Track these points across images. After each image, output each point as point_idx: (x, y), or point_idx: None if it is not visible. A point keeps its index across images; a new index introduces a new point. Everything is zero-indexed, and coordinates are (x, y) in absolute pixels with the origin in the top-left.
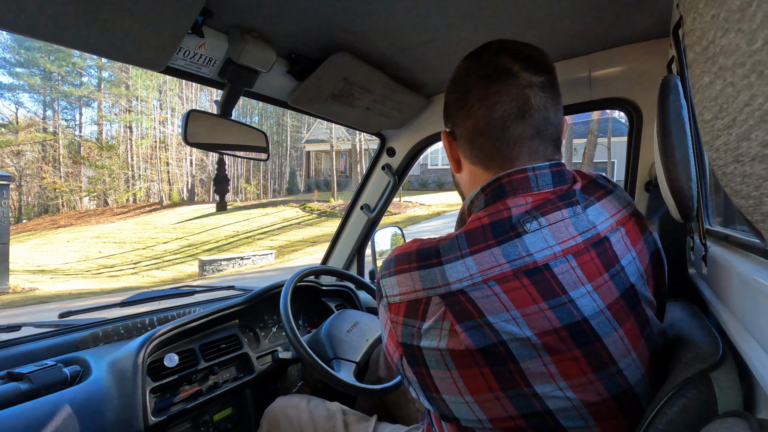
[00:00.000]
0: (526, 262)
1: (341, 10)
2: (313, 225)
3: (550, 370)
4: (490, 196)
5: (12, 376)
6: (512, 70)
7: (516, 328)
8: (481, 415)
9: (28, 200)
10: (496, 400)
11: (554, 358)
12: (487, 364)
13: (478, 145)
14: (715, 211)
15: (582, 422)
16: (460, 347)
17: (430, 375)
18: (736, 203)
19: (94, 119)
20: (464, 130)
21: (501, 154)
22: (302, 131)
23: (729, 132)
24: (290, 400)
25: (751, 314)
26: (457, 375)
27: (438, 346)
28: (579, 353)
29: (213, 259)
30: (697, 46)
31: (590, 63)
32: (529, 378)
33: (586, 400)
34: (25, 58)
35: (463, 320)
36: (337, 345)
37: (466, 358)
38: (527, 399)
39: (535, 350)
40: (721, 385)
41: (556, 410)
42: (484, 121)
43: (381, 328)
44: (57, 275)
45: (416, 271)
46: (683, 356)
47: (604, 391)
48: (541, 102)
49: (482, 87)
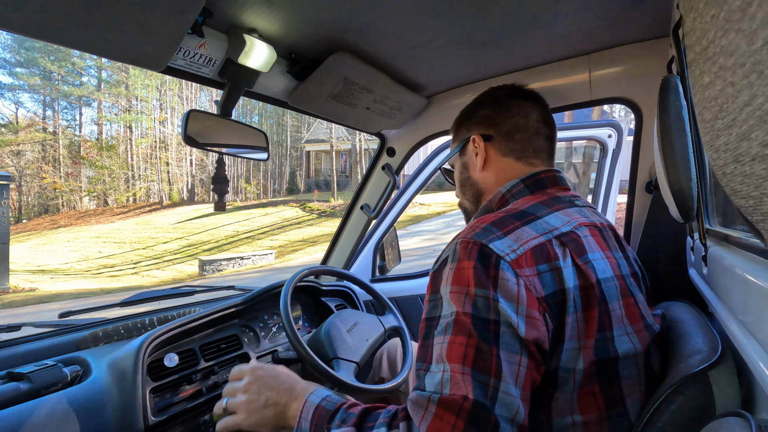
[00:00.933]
0: (591, 220)
1: (341, 10)
2: (313, 225)
3: (622, 313)
4: (533, 186)
5: (12, 376)
6: (535, 97)
7: (606, 266)
8: (580, 365)
9: (28, 200)
10: (595, 342)
11: (624, 302)
12: (597, 305)
13: (517, 138)
14: (715, 211)
15: (635, 372)
16: (588, 282)
17: (565, 322)
18: (736, 203)
19: (94, 119)
20: (504, 127)
21: (532, 146)
22: (302, 131)
23: (729, 132)
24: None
25: (751, 314)
26: (581, 317)
27: (576, 285)
28: (632, 301)
29: (213, 259)
30: (697, 46)
31: (590, 63)
32: (613, 319)
33: (641, 348)
34: (25, 58)
35: (580, 255)
36: (336, 345)
37: (591, 295)
38: (606, 343)
39: (616, 291)
40: (720, 383)
41: (622, 355)
42: (523, 120)
43: (511, 317)
44: (57, 275)
45: (525, 226)
46: (682, 355)
47: (647, 339)
48: (553, 122)
49: (518, 101)
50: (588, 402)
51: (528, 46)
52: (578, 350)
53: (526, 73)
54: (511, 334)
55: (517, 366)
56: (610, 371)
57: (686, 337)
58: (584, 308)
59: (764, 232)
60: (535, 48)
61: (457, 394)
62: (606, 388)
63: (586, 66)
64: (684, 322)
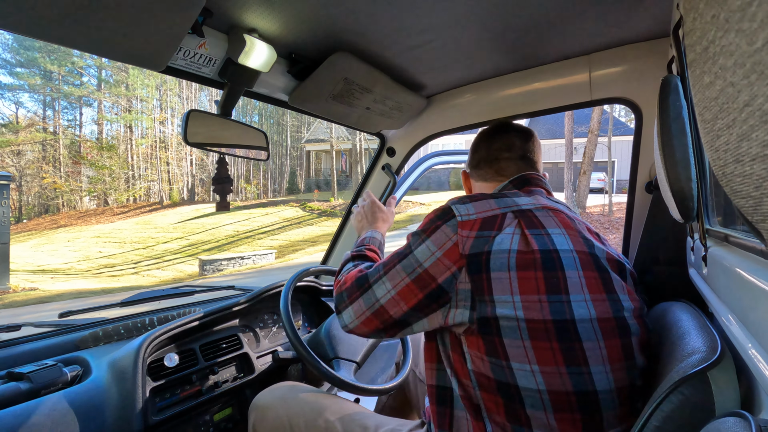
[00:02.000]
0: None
1: (341, 11)
2: (314, 224)
3: (581, 282)
4: (518, 183)
5: (12, 375)
6: (501, 129)
7: (566, 241)
8: (521, 314)
9: (28, 200)
10: (539, 302)
11: (585, 273)
12: (542, 269)
13: (482, 166)
14: (715, 211)
15: (594, 336)
16: (529, 248)
17: (489, 279)
18: (736, 203)
19: (95, 119)
20: (473, 163)
21: (493, 169)
22: (302, 131)
23: (729, 132)
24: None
25: (751, 314)
26: (515, 276)
27: (509, 248)
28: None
29: (213, 258)
30: (697, 46)
31: (590, 63)
32: (570, 285)
33: (596, 315)
34: (26, 58)
35: (530, 227)
36: (336, 345)
37: (528, 260)
38: (562, 305)
39: (574, 262)
40: (719, 383)
41: (578, 318)
42: (485, 153)
43: (426, 253)
44: (57, 275)
45: (491, 200)
46: (681, 354)
47: (608, 311)
48: (520, 143)
49: (486, 139)
50: (546, 356)
51: (528, 46)
52: (512, 303)
53: (526, 73)
54: (414, 259)
55: (400, 281)
56: (569, 331)
57: (685, 337)
58: (519, 269)
59: (764, 232)
60: (535, 48)
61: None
62: (565, 347)
63: (586, 66)
64: (683, 322)
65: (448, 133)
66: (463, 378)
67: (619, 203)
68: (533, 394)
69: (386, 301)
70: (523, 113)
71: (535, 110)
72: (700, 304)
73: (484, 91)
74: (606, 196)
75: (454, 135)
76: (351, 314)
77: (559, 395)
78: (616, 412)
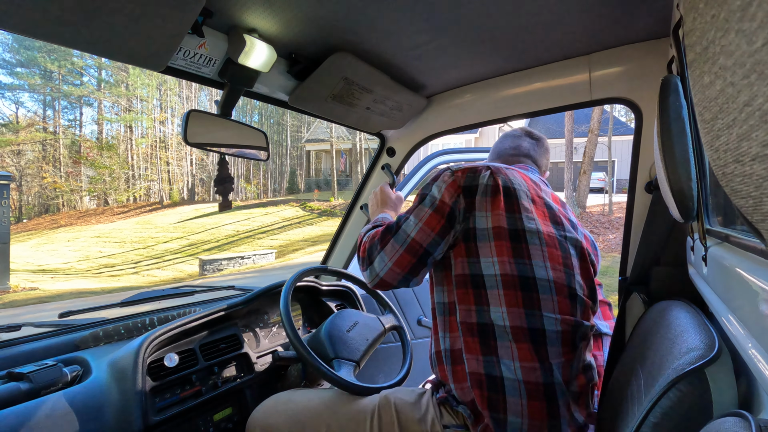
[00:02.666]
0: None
1: (341, 11)
2: (314, 224)
3: (531, 207)
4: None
5: (12, 376)
6: (519, 133)
7: (526, 188)
8: (489, 224)
9: (28, 200)
10: (504, 216)
11: (535, 205)
12: (505, 195)
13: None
14: (715, 211)
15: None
16: (496, 183)
17: (473, 202)
18: (736, 203)
19: (95, 119)
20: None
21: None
22: (302, 131)
23: (729, 132)
24: (278, 398)
25: (751, 314)
26: (489, 199)
27: (486, 183)
28: (545, 209)
29: (213, 258)
30: (697, 46)
31: (590, 63)
32: (522, 206)
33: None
34: (26, 58)
35: (499, 175)
36: (337, 345)
37: (496, 189)
38: (515, 220)
39: (528, 197)
40: (716, 380)
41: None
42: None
43: (438, 189)
44: (57, 275)
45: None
46: (680, 352)
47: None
48: (528, 146)
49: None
50: (511, 299)
51: (528, 46)
52: (486, 217)
53: (526, 73)
54: (431, 196)
55: (424, 213)
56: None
57: (684, 335)
58: (491, 194)
59: (764, 232)
60: (535, 48)
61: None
62: (526, 295)
63: (586, 66)
64: (682, 320)
65: (448, 133)
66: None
67: (619, 203)
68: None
69: (416, 233)
70: (523, 113)
71: (535, 110)
72: (699, 303)
73: (484, 91)
74: (606, 195)
75: (454, 135)
76: (383, 258)
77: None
78: (559, 349)
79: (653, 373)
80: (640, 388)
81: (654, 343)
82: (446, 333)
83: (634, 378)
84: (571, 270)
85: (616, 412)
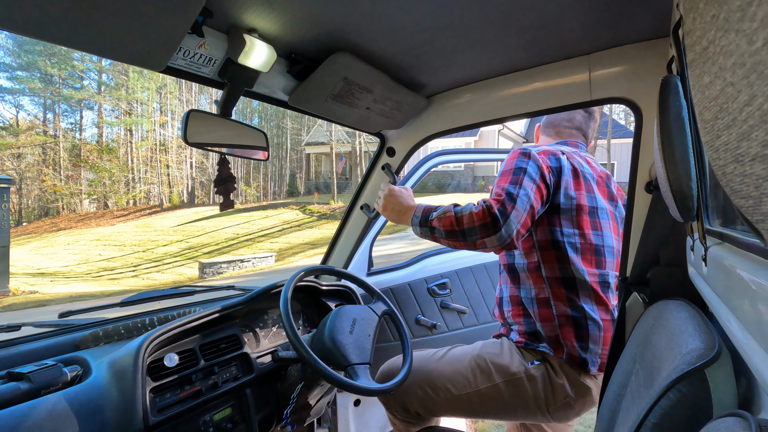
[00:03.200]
0: (581, 156)
1: (341, 11)
2: (314, 227)
3: (592, 187)
4: (563, 144)
5: (12, 376)
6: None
7: (592, 182)
8: (574, 204)
9: (28, 203)
10: (585, 194)
11: (597, 183)
12: (576, 177)
13: (548, 127)
14: (715, 211)
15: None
16: (575, 168)
17: (560, 181)
18: (736, 203)
19: (95, 122)
20: (546, 122)
21: (554, 131)
22: (302, 134)
23: (729, 132)
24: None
25: (751, 314)
26: (571, 180)
27: (569, 167)
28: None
29: (213, 261)
30: (697, 46)
31: (590, 63)
32: (586, 187)
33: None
34: (26, 61)
35: (572, 159)
36: (347, 351)
37: (577, 174)
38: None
39: (593, 181)
40: (716, 381)
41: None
42: (554, 119)
43: (535, 164)
44: (57, 278)
45: (548, 147)
46: (680, 353)
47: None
48: (581, 118)
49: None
50: (588, 261)
51: (528, 46)
52: (568, 194)
53: (526, 73)
54: (533, 173)
55: (532, 185)
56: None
57: (683, 335)
58: (572, 176)
59: (764, 232)
60: (534, 48)
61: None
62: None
63: (586, 66)
64: (681, 320)
65: (448, 133)
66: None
67: None
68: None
69: (533, 199)
70: (523, 113)
71: (535, 110)
72: (699, 303)
73: (484, 91)
74: None
75: (453, 138)
76: (513, 222)
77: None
78: (614, 295)
79: (653, 373)
80: (639, 388)
81: (654, 343)
82: (530, 285)
83: (634, 378)
84: (620, 237)
85: (615, 412)
